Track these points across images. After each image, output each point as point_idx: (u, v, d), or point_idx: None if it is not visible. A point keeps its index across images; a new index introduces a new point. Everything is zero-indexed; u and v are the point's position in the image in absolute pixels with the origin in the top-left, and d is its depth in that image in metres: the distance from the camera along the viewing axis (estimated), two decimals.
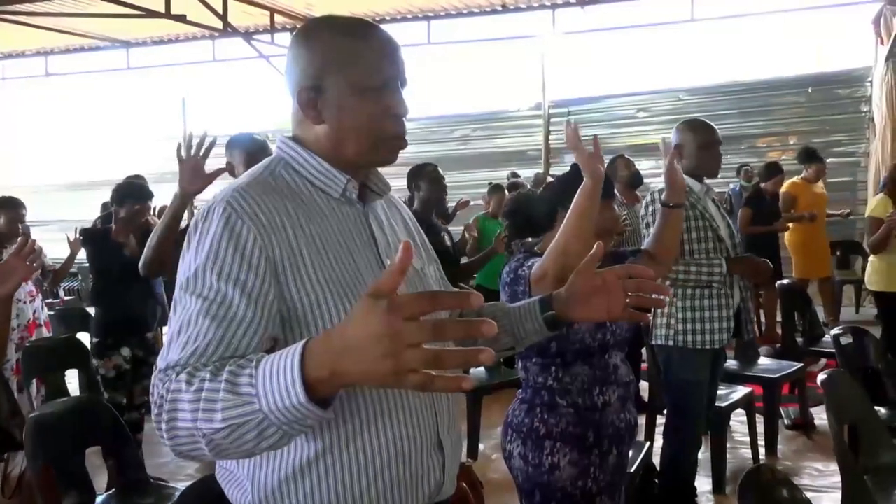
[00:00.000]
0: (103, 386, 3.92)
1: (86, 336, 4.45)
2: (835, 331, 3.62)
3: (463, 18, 9.79)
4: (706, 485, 3.64)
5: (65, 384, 4.09)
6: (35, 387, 4.06)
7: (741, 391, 3.91)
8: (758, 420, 4.07)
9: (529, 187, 6.47)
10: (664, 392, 3.35)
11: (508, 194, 5.62)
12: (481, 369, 4.30)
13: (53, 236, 5.74)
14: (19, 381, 3.95)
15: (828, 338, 4.61)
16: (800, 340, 5.12)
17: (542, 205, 2.24)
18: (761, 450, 4.07)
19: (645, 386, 4.21)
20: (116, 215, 3.93)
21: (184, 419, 0.98)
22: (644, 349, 4.15)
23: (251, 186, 1.18)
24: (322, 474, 1.15)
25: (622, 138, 9.26)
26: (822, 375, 2.69)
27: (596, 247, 1.36)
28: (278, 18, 9.36)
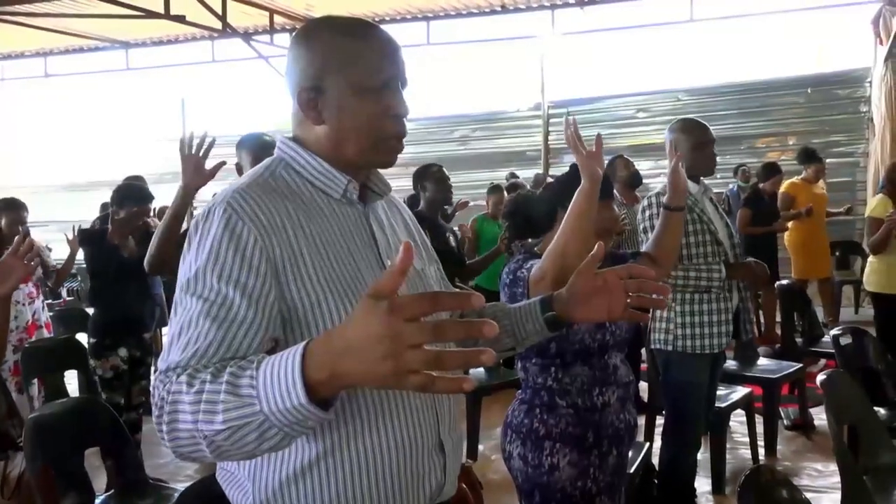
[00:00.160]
0: (101, 386, 3.91)
1: (85, 337, 4.45)
2: (834, 331, 3.61)
3: (462, 19, 9.78)
4: (706, 485, 3.64)
5: (64, 385, 4.08)
6: (36, 387, 4.06)
7: (741, 392, 3.91)
8: (757, 420, 4.07)
9: (529, 188, 6.46)
10: (663, 394, 3.33)
11: (507, 195, 5.62)
12: (480, 370, 4.29)
13: (53, 237, 5.74)
14: (17, 383, 3.95)
15: (827, 338, 4.61)
16: (799, 341, 5.12)
17: (542, 205, 2.23)
18: (761, 450, 4.07)
19: (644, 386, 4.21)
20: (113, 216, 3.91)
21: (185, 421, 0.98)
22: (644, 350, 4.14)
23: (251, 187, 1.17)
24: (323, 475, 1.14)
25: (621, 139, 9.26)
26: (822, 376, 2.70)
27: (597, 247, 1.36)
28: (277, 19, 9.36)
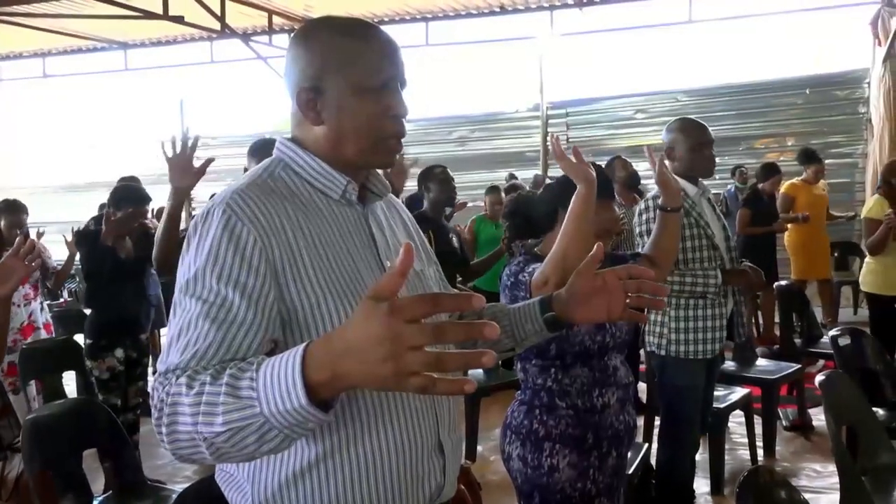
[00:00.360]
0: (97, 387, 3.89)
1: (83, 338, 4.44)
2: (833, 332, 3.60)
3: (461, 20, 9.78)
4: (704, 486, 3.64)
5: (62, 386, 4.08)
6: (34, 388, 4.05)
7: (739, 392, 3.90)
8: (756, 421, 4.07)
9: (528, 189, 6.46)
10: (658, 396, 3.31)
11: (505, 196, 5.62)
12: (479, 371, 4.29)
13: (52, 238, 5.72)
14: (11, 383, 3.94)
15: (826, 339, 4.61)
16: (798, 342, 5.12)
17: (542, 206, 2.23)
18: (759, 451, 4.08)
19: (643, 387, 4.20)
20: (107, 218, 3.89)
21: (184, 423, 0.98)
22: (643, 351, 4.14)
23: (250, 188, 1.17)
24: (322, 477, 1.14)
25: (620, 139, 9.25)
26: (821, 376, 2.70)
27: (596, 248, 1.35)
28: (276, 20, 9.36)
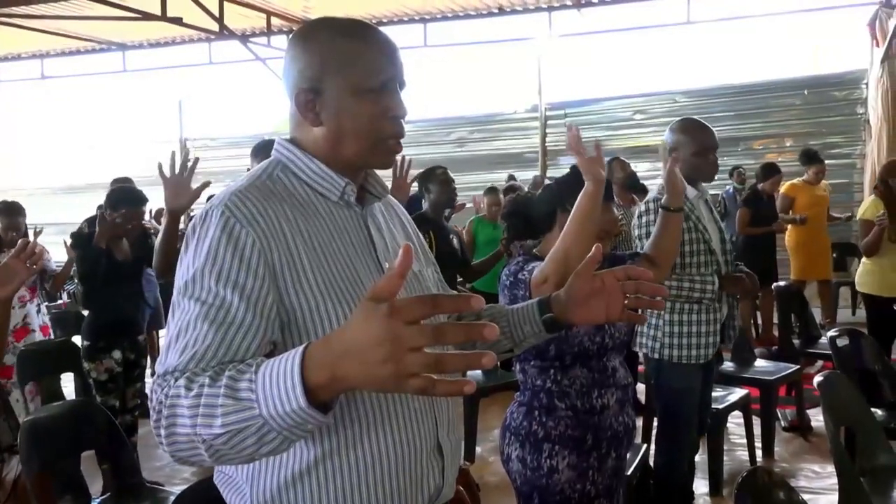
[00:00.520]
0: (95, 389, 3.88)
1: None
2: (831, 333, 3.61)
3: (459, 21, 9.79)
4: (703, 487, 3.64)
5: (60, 388, 4.07)
6: (32, 390, 4.04)
7: (738, 393, 3.90)
8: (754, 422, 4.07)
9: (527, 190, 6.47)
10: (655, 398, 3.29)
11: (503, 197, 5.62)
12: (478, 371, 4.29)
13: (50, 239, 5.71)
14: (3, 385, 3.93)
15: (824, 340, 4.61)
16: (796, 342, 5.12)
17: (542, 206, 2.23)
18: (758, 452, 4.08)
19: (642, 388, 4.20)
20: (102, 219, 3.84)
21: (183, 425, 0.97)
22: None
23: (249, 190, 1.17)
24: (321, 479, 1.14)
25: (619, 140, 9.28)
26: (819, 377, 2.70)
27: (595, 248, 1.34)
28: (275, 21, 9.36)
